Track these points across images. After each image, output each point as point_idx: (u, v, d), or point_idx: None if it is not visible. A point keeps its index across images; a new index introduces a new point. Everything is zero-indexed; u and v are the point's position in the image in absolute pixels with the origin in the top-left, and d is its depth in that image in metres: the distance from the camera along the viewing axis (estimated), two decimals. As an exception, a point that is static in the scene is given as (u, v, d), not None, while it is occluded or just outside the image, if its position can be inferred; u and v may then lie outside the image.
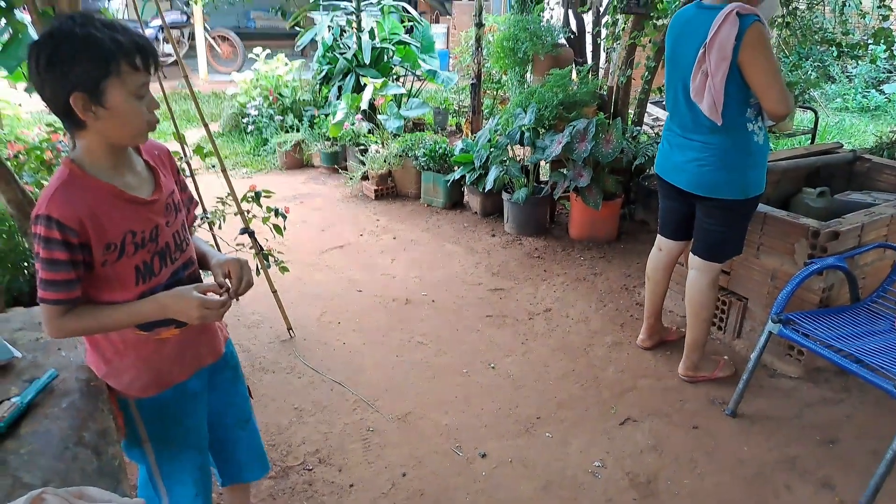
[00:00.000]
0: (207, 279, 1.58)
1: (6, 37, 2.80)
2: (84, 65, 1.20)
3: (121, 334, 1.44)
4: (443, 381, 2.93)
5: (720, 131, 2.52)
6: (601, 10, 5.01)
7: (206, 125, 2.98)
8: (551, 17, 5.73)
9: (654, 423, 2.67)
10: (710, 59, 2.40)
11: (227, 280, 1.47)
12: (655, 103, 6.08)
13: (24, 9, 2.37)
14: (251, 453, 1.83)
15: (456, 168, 4.93)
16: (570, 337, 3.31)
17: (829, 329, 2.52)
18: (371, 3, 6.81)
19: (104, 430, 1.29)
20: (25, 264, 2.62)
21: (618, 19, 4.77)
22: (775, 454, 2.49)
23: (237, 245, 3.23)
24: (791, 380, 2.93)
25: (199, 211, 2.81)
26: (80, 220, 1.27)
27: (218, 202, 3.25)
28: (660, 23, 4.28)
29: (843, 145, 3.94)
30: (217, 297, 1.40)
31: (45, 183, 2.77)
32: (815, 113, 4.89)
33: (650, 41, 4.43)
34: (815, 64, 6.49)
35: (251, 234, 3.03)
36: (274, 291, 3.23)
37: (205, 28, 9.50)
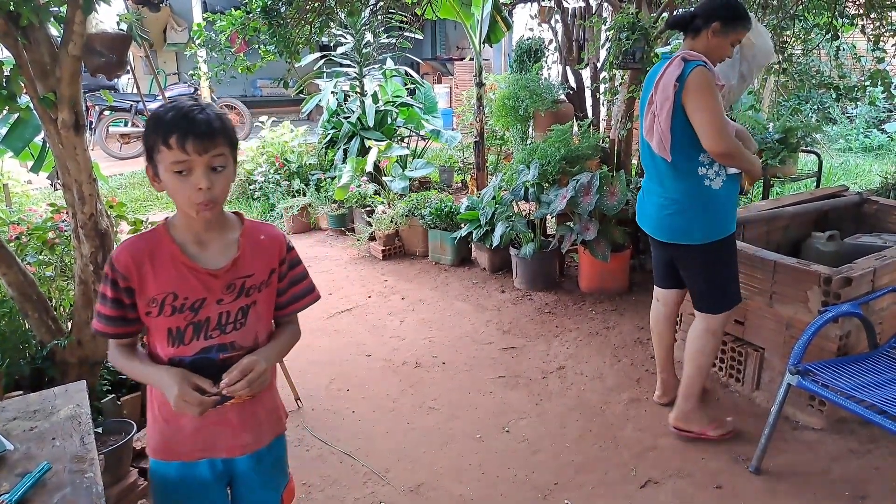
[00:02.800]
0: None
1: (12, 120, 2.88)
2: (145, 140, 1.36)
3: (158, 391, 1.46)
4: (456, 448, 2.85)
5: (674, 177, 2.58)
6: (598, 65, 5.10)
7: None
8: (549, 74, 5.83)
9: (676, 484, 2.58)
10: (656, 100, 2.50)
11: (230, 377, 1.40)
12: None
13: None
14: None
15: (462, 225, 4.94)
16: (586, 395, 3.23)
17: (849, 378, 2.45)
18: (374, 68, 6.98)
19: (96, 526, 1.24)
20: (26, 345, 2.57)
21: (615, 74, 4.84)
22: (805, 513, 2.39)
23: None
24: (815, 432, 2.83)
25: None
26: (130, 268, 1.40)
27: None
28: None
29: (848, 188, 3.92)
30: (202, 394, 1.37)
31: (49, 262, 2.78)
32: (819, 156, 4.89)
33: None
34: (815, 106, 6.55)
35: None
36: (280, 360, 3.19)
37: (212, 98, 9.76)
